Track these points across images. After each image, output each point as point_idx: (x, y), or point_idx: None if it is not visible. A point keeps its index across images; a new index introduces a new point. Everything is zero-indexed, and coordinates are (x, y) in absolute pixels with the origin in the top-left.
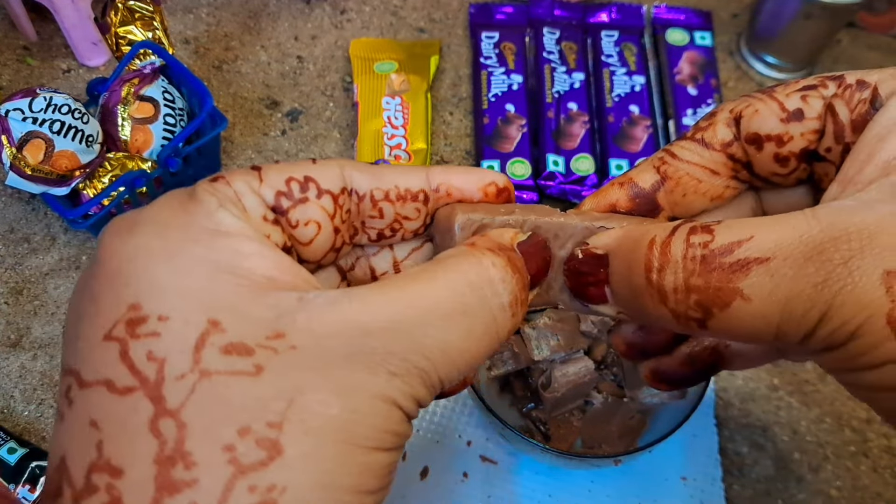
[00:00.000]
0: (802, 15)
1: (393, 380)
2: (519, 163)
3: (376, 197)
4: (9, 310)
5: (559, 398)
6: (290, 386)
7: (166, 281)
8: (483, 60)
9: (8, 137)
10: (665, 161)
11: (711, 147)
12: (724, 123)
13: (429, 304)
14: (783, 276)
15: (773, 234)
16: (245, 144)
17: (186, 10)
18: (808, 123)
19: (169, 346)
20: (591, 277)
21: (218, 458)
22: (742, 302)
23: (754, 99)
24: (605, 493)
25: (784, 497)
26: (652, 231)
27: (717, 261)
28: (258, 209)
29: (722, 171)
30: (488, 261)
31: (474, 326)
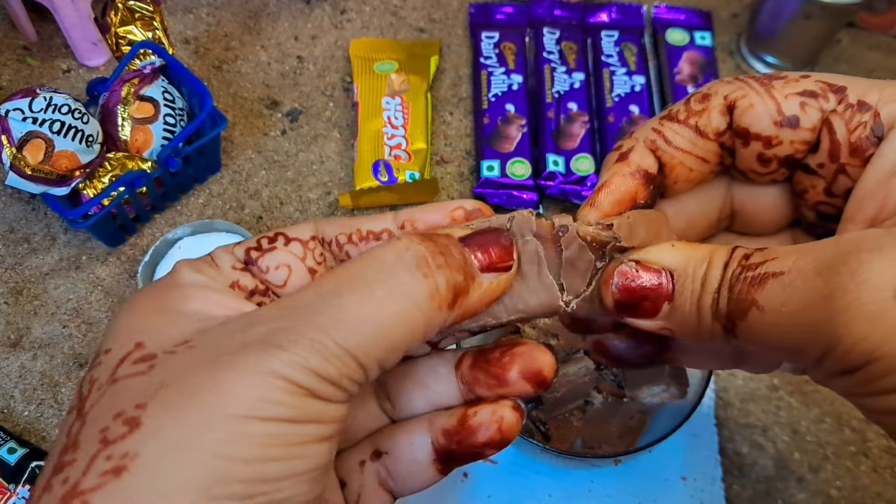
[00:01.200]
0: (802, 15)
1: (276, 351)
2: (519, 163)
3: (340, 241)
4: (9, 310)
5: (559, 398)
6: (168, 376)
7: (121, 325)
8: (483, 60)
9: (8, 137)
10: (658, 146)
11: (705, 136)
12: (718, 111)
13: (327, 283)
14: (794, 288)
15: (796, 252)
16: (245, 144)
17: (186, 10)
18: (801, 133)
19: (102, 369)
20: (650, 291)
21: (93, 438)
22: (757, 312)
23: (751, 89)
24: (605, 493)
25: (784, 497)
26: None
27: (745, 274)
28: (228, 261)
29: (712, 158)
30: (395, 238)
31: (373, 289)
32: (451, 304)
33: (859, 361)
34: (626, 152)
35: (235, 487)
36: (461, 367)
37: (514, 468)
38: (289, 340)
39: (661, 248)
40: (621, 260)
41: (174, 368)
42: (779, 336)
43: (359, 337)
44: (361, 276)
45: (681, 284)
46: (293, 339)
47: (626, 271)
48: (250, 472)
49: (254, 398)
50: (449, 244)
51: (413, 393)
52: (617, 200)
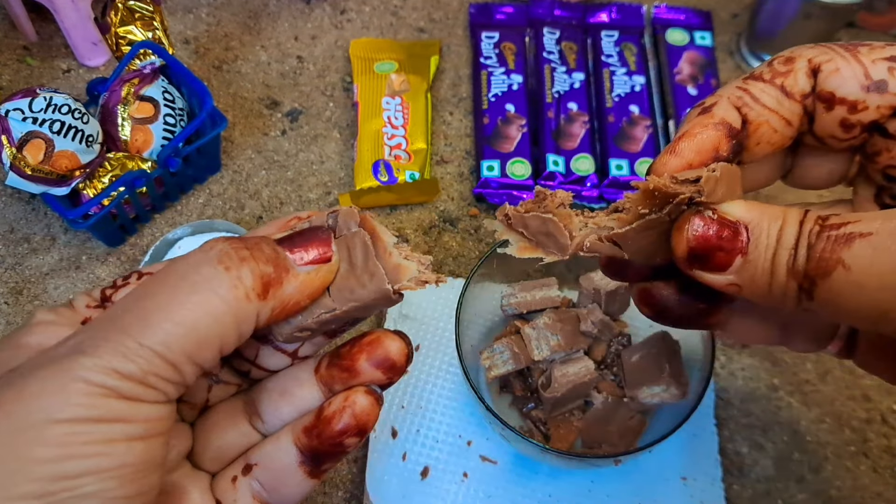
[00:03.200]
0: (802, 15)
1: (79, 357)
2: (519, 163)
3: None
4: (9, 310)
5: (559, 398)
6: None
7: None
8: (483, 60)
9: (8, 137)
10: (745, 103)
11: (792, 96)
12: (804, 72)
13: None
14: (884, 248)
15: (880, 216)
16: (245, 144)
17: (186, 10)
18: (888, 98)
19: None
20: (726, 242)
21: None
22: (842, 271)
23: (836, 54)
24: (605, 493)
25: (784, 497)
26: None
27: (828, 233)
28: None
29: (795, 122)
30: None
31: (176, 288)
32: (262, 294)
33: None
34: (710, 106)
35: (30, 486)
36: (320, 370)
37: (514, 468)
38: (92, 345)
39: (735, 203)
40: (697, 209)
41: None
42: (862, 297)
43: (161, 333)
44: (165, 279)
45: (756, 238)
46: (96, 344)
47: (704, 218)
48: (46, 471)
49: (53, 401)
50: (260, 242)
51: (279, 404)
52: (698, 150)
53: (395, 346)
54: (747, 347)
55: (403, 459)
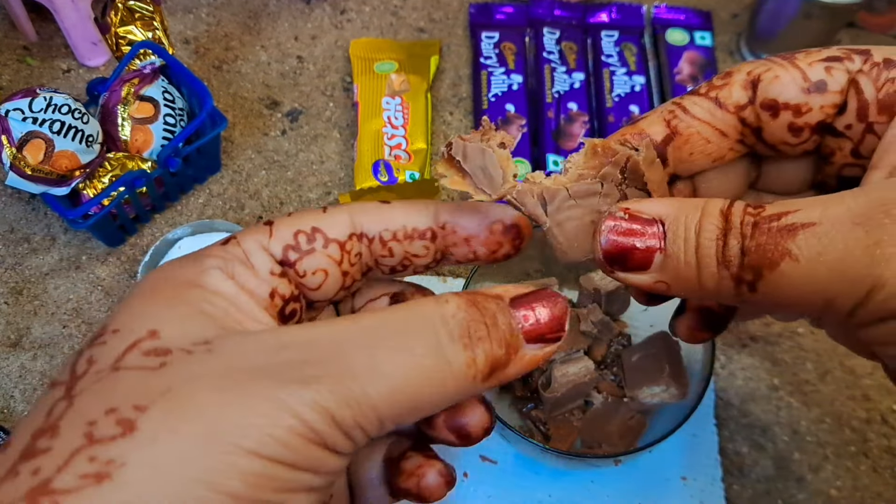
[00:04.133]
0: (802, 15)
1: (293, 386)
2: (519, 163)
3: (385, 238)
4: (9, 310)
5: (559, 398)
6: (179, 379)
7: (135, 307)
8: (483, 60)
9: (8, 137)
10: (676, 115)
11: (725, 108)
12: (740, 85)
13: (367, 325)
14: (832, 238)
15: (820, 206)
16: (245, 144)
17: (186, 10)
18: (829, 97)
19: (105, 350)
20: (638, 242)
21: (77, 430)
22: (791, 262)
23: (774, 64)
24: (605, 493)
25: (784, 497)
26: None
27: (768, 225)
28: (265, 265)
29: (731, 133)
30: (444, 298)
31: (413, 346)
32: (487, 377)
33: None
34: (638, 120)
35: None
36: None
37: (514, 468)
38: (312, 376)
39: (650, 200)
40: (609, 210)
41: (186, 372)
42: (809, 286)
43: (387, 389)
44: (403, 330)
45: (672, 232)
46: (316, 376)
47: (616, 218)
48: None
49: (259, 432)
50: (497, 313)
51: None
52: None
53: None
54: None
55: None
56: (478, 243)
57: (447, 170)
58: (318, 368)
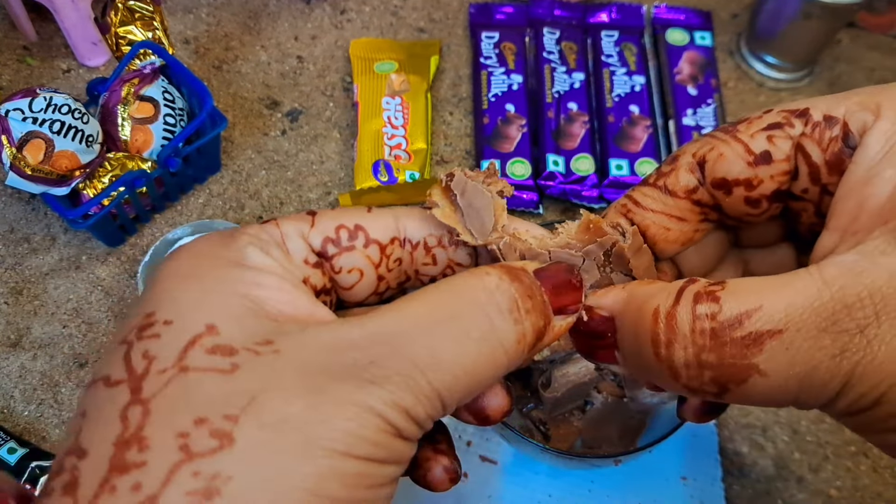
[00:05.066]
0: (802, 15)
1: (369, 387)
2: (519, 163)
3: (430, 244)
4: (9, 310)
5: (559, 398)
6: (258, 385)
7: (181, 294)
8: (483, 60)
9: (8, 137)
10: (630, 209)
11: (675, 195)
12: (686, 169)
13: (419, 314)
14: (798, 348)
15: (782, 301)
16: (245, 144)
17: (186, 10)
18: (777, 166)
19: (162, 346)
20: (599, 341)
21: (170, 443)
22: (759, 377)
23: (717, 140)
24: (605, 493)
25: (784, 497)
26: (655, 298)
27: (728, 335)
28: (301, 252)
29: (689, 216)
30: (482, 271)
31: (468, 330)
32: (532, 347)
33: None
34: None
35: None
36: None
37: (514, 468)
38: (383, 376)
39: (613, 289)
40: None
41: (262, 376)
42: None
43: (451, 378)
44: (454, 314)
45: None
46: (387, 375)
47: (579, 318)
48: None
49: (350, 433)
50: (533, 287)
51: None
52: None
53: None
54: None
55: None
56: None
57: (441, 199)
58: (386, 367)
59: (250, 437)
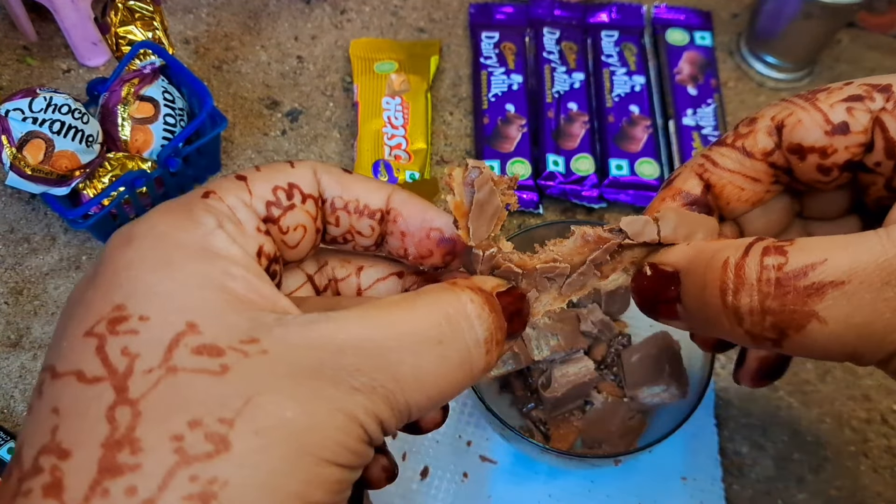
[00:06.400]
0: (802, 15)
1: (355, 395)
2: (519, 163)
3: (336, 205)
4: (9, 310)
5: (559, 398)
6: (251, 387)
7: (154, 286)
8: (483, 60)
9: (8, 137)
10: (706, 169)
11: (752, 156)
12: (765, 132)
13: (405, 329)
14: (861, 299)
15: (848, 257)
16: (245, 144)
17: (186, 10)
18: (853, 137)
19: (143, 343)
20: (661, 295)
21: (165, 446)
22: (818, 324)
23: (796, 107)
24: (605, 493)
25: (784, 497)
26: (725, 251)
27: (793, 284)
28: (252, 221)
29: (763, 178)
30: (466, 297)
31: (449, 356)
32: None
33: None
34: (673, 179)
35: None
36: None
37: (514, 468)
38: (369, 385)
39: (677, 247)
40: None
41: (254, 379)
42: (840, 345)
43: (425, 399)
44: (438, 338)
45: (686, 286)
46: (372, 386)
47: (641, 273)
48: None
49: (337, 442)
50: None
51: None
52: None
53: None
54: None
55: (403, 459)
56: (411, 242)
57: (458, 187)
58: (372, 378)
59: (246, 442)
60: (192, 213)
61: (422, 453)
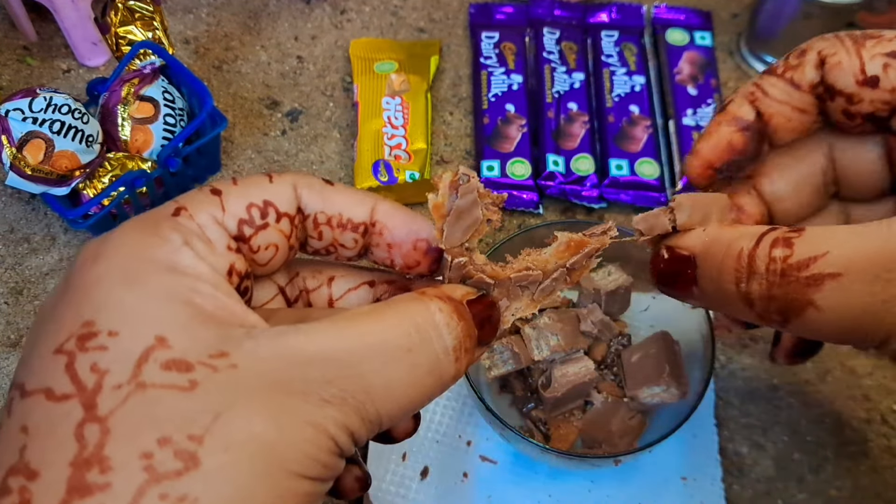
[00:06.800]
0: (802, 15)
1: (325, 407)
2: (519, 163)
3: (319, 220)
4: (9, 310)
5: (559, 398)
6: (220, 402)
7: (122, 302)
8: (483, 60)
9: (8, 137)
10: (757, 97)
11: (801, 88)
12: (812, 65)
13: (374, 340)
14: (854, 291)
15: (848, 248)
16: (245, 144)
17: (186, 10)
18: (879, 93)
19: (112, 359)
20: (679, 277)
21: (134, 464)
22: (815, 311)
23: (842, 46)
24: (605, 493)
25: (784, 497)
26: (740, 241)
27: (795, 274)
28: (222, 240)
29: (809, 109)
30: (435, 306)
31: (419, 364)
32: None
33: None
34: (726, 104)
35: None
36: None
37: (514, 468)
38: (339, 397)
39: (693, 232)
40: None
41: (223, 394)
42: (837, 330)
43: (396, 409)
44: (408, 348)
45: (702, 270)
46: (342, 397)
47: (658, 255)
48: None
49: (307, 455)
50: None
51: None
52: (714, 147)
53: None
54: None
55: (403, 459)
56: (398, 253)
57: (444, 189)
58: (342, 389)
59: (215, 458)
60: (159, 230)
61: (422, 453)
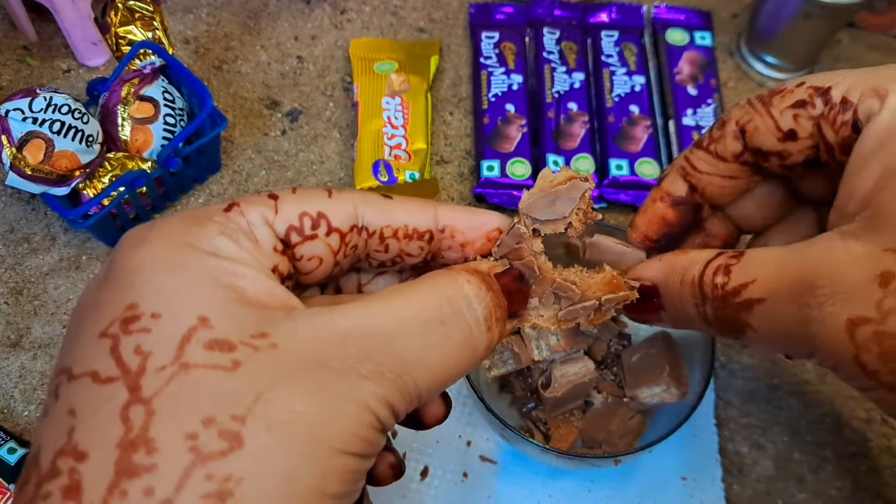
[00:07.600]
0: (802, 15)
1: (364, 382)
2: (519, 163)
3: (385, 234)
4: (9, 310)
5: (559, 398)
6: (261, 382)
7: (164, 285)
8: (483, 60)
9: (8, 137)
10: (688, 172)
11: (724, 159)
12: (732, 136)
13: (407, 314)
14: (777, 313)
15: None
16: (245, 144)
17: (186, 10)
18: (802, 143)
19: (156, 341)
20: (647, 306)
21: (179, 445)
22: (752, 331)
23: (755, 112)
24: (605, 493)
25: (784, 497)
26: (691, 268)
27: (731, 301)
28: (269, 241)
29: (739, 174)
30: (463, 278)
31: (452, 335)
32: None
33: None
34: (661, 179)
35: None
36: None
37: (514, 468)
38: (377, 371)
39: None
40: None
41: (264, 374)
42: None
43: (433, 381)
44: (440, 319)
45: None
46: (380, 371)
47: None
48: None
49: (350, 432)
50: (500, 295)
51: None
52: (649, 222)
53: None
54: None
55: (404, 459)
56: (472, 249)
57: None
58: (380, 363)
59: (259, 438)
60: (202, 221)
61: (422, 453)
